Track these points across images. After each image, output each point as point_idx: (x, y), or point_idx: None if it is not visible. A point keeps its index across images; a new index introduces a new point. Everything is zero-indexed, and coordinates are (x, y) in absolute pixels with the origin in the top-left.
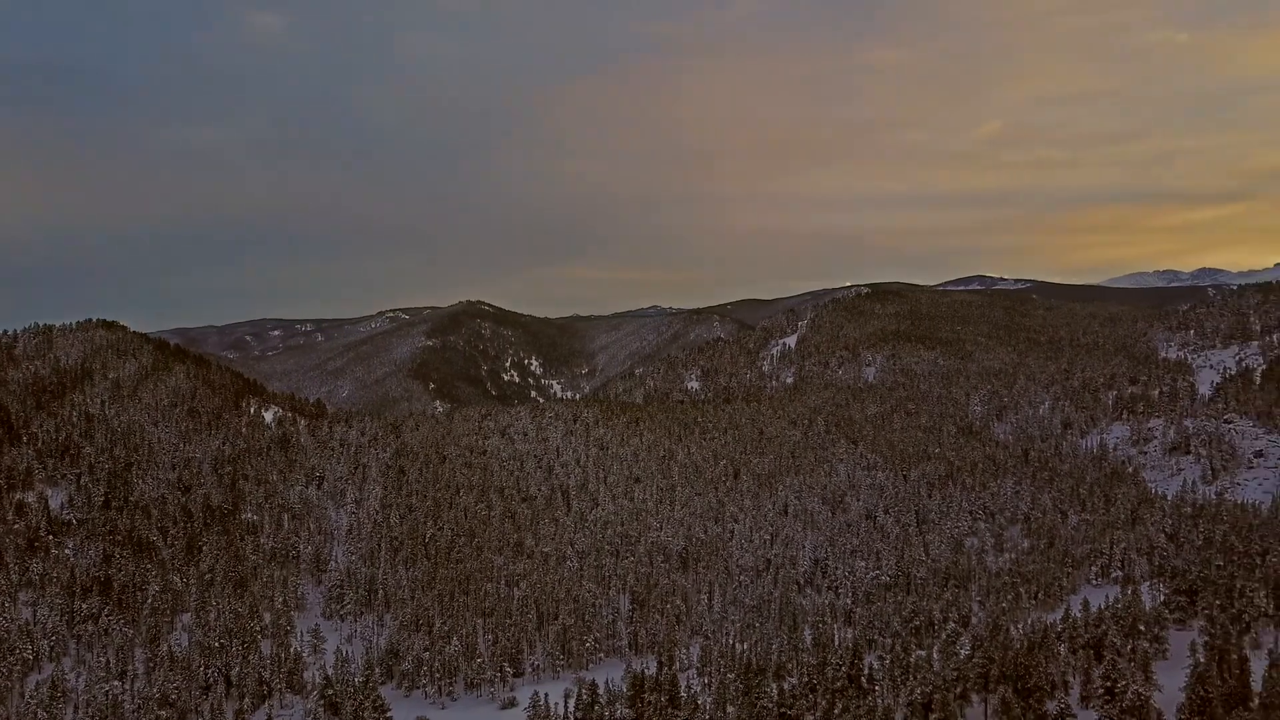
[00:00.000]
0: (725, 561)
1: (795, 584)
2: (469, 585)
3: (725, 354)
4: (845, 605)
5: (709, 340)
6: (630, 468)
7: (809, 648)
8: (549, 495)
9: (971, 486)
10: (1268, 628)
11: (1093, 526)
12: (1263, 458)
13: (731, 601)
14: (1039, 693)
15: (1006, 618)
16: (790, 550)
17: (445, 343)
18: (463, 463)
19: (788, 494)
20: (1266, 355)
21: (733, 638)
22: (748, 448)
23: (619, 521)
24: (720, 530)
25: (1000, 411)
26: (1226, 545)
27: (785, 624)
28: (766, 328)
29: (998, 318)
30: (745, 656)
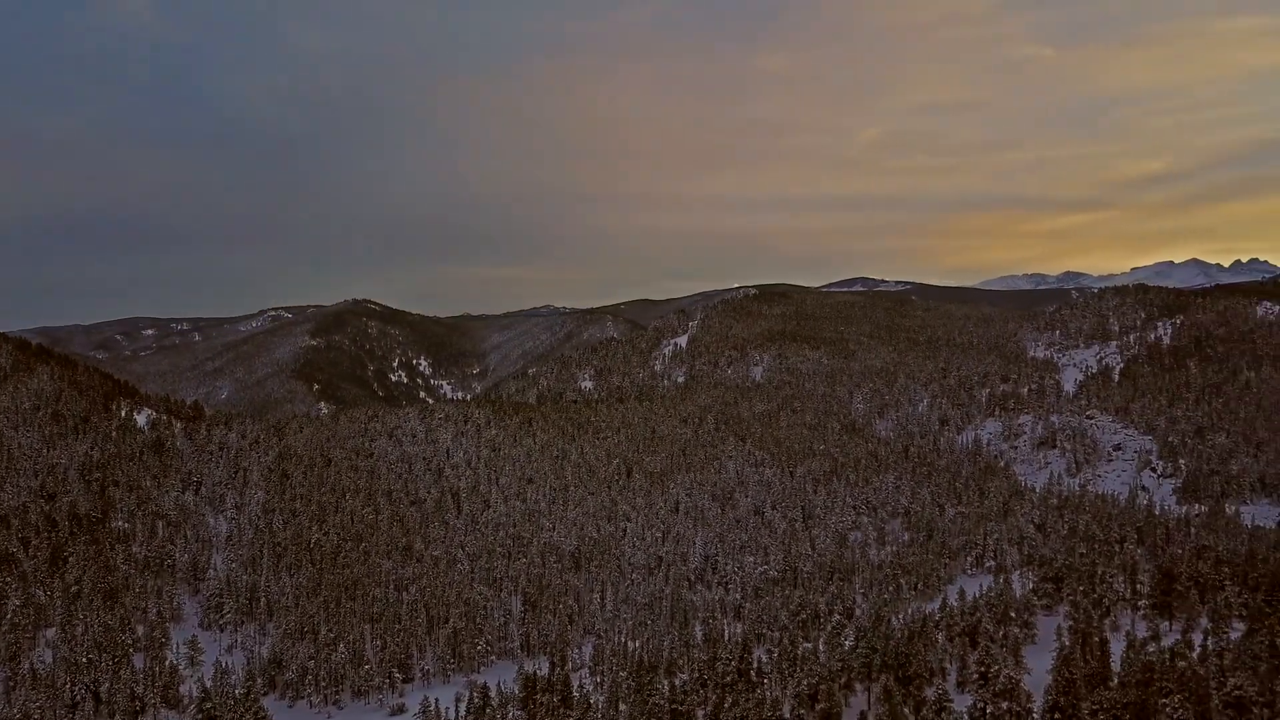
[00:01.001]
0: (618, 560)
1: (686, 581)
2: (356, 590)
3: (618, 354)
4: (735, 600)
5: (602, 340)
6: (523, 468)
7: (700, 643)
8: (439, 498)
9: (855, 482)
10: (1125, 611)
11: (968, 519)
12: (1121, 451)
13: (624, 600)
14: (918, 680)
15: (888, 608)
16: (681, 547)
17: (330, 342)
18: (349, 465)
19: (679, 491)
20: (1124, 354)
21: (625, 636)
22: (640, 446)
23: (511, 523)
24: (613, 529)
25: (882, 409)
26: (1089, 534)
27: (677, 621)
28: (659, 328)
29: (879, 318)
30: (637, 654)
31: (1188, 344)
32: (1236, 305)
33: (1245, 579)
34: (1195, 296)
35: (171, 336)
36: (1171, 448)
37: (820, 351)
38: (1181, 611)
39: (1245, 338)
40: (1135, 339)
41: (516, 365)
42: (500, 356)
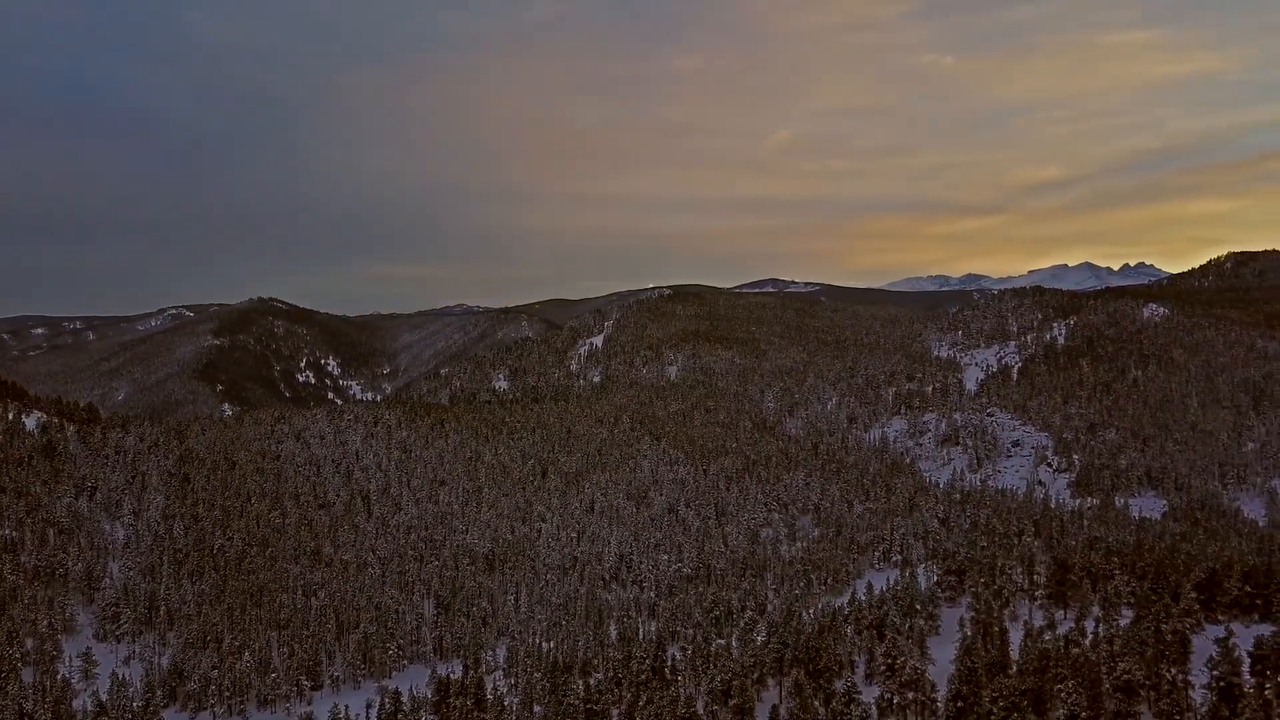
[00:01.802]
0: (532, 561)
1: (601, 580)
2: (262, 597)
3: (533, 353)
4: (649, 599)
5: (517, 340)
6: (435, 470)
7: (614, 642)
8: (349, 501)
9: (766, 479)
10: (1024, 601)
11: (875, 514)
12: (1019, 447)
13: (538, 601)
14: (828, 673)
15: (799, 604)
16: (596, 547)
17: (235, 342)
18: (254, 468)
19: (594, 491)
20: (1022, 354)
21: (539, 637)
22: (556, 447)
23: (423, 525)
24: (528, 530)
25: (792, 407)
26: (989, 528)
27: (591, 620)
28: (574, 328)
29: (789, 319)
30: (552, 655)
31: (1081, 344)
32: (1125, 307)
33: (1133, 568)
34: (1087, 298)
35: (63, 336)
36: (1066, 443)
37: (733, 351)
38: (1075, 600)
39: (1133, 338)
40: (1032, 339)
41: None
42: (411, 356)
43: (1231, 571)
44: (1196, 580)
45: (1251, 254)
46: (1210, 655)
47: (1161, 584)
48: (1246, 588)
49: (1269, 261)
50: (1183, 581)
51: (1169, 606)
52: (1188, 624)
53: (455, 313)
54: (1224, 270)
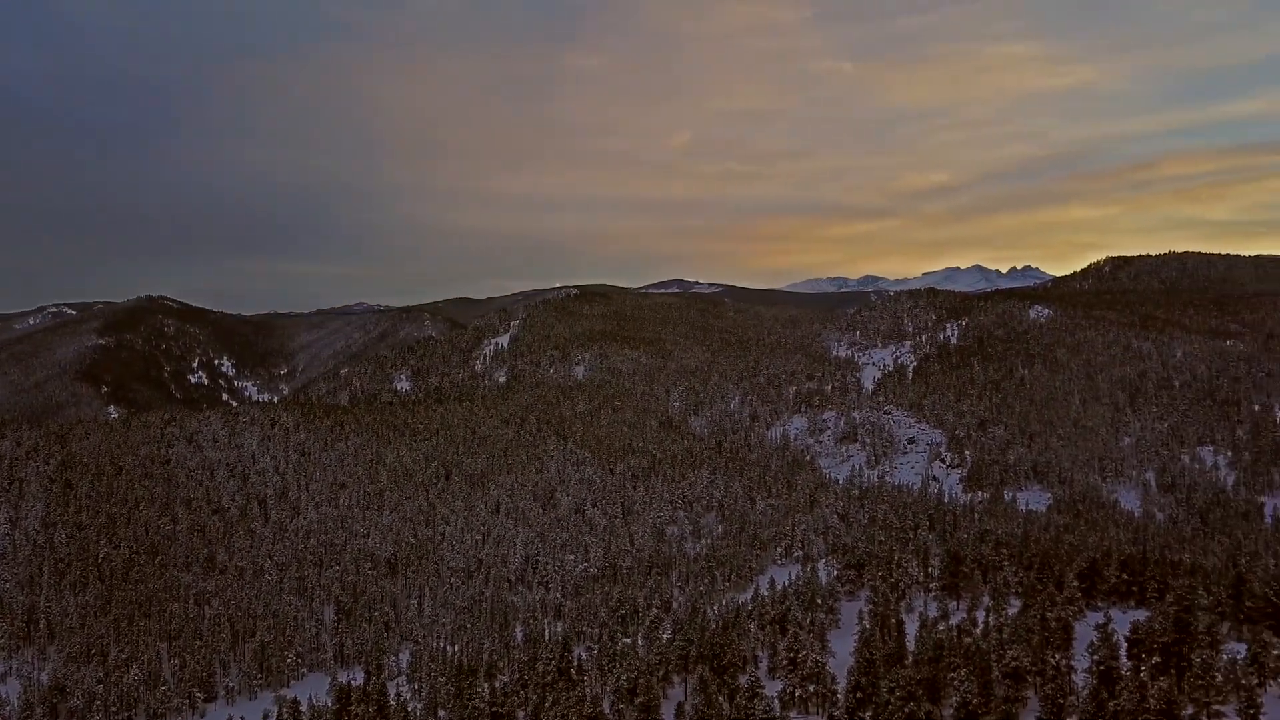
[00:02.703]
0: (436, 565)
1: (507, 582)
2: (151, 607)
3: (437, 353)
4: (556, 599)
5: (420, 339)
6: (334, 473)
7: (520, 644)
8: (244, 506)
9: (672, 477)
10: (919, 593)
11: (777, 511)
12: (914, 444)
13: (443, 604)
14: (733, 669)
15: (704, 600)
16: (502, 549)
17: (121, 341)
18: (142, 474)
19: (500, 493)
20: (917, 354)
21: (444, 640)
22: (460, 448)
23: (323, 530)
24: (431, 533)
25: (697, 406)
26: (887, 522)
27: (497, 622)
28: (479, 327)
29: (694, 319)
30: (456, 658)
31: (972, 344)
32: (1013, 308)
33: (1021, 559)
34: (978, 300)
35: None
36: (958, 440)
37: (639, 351)
38: (967, 591)
39: (1020, 338)
40: (927, 339)
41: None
42: (310, 356)
43: (1110, 560)
44: (1078, 569)
45: (1127, 258)
46: (1091, 640)
47: (1047, 574)
48: (1124, 575)
49: (1143, 266)
50: (1066, 571)
51: (1053, 595)
52: (1071, 611)
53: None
54: (1103, 274)
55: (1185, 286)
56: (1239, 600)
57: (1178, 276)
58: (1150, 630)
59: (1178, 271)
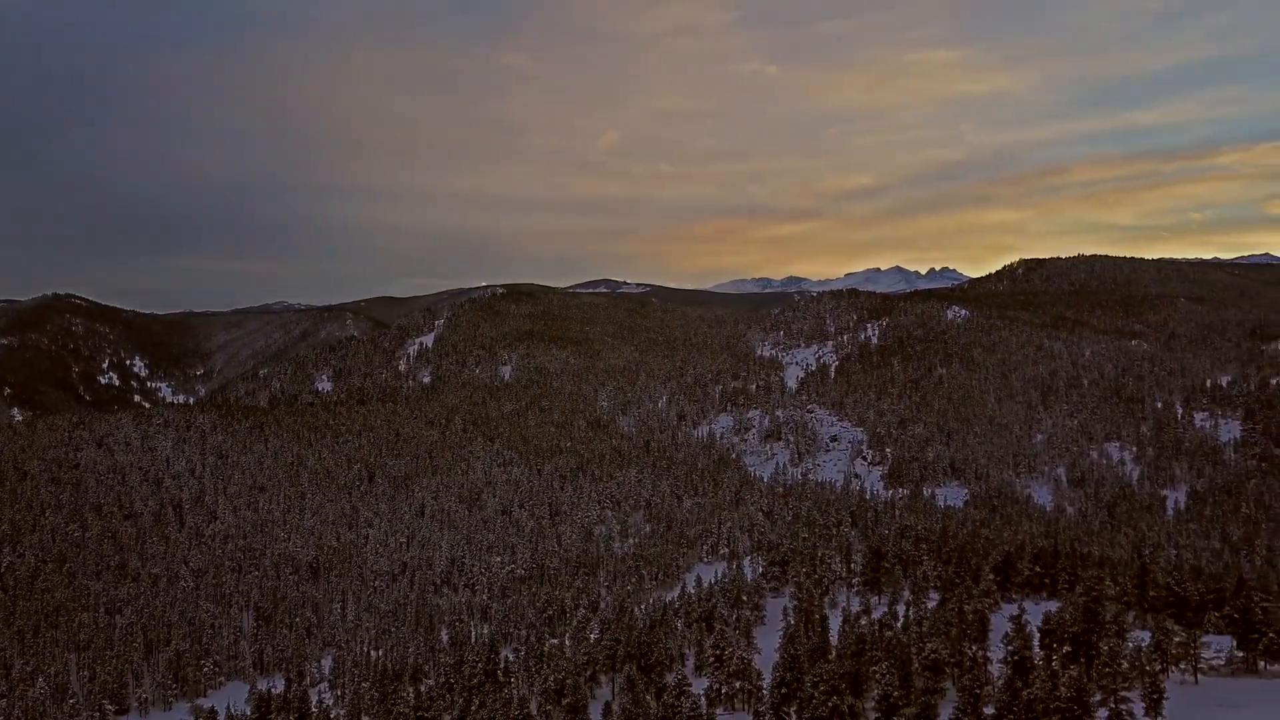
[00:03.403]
0: (360, 568)
1: (432, 585)
2: (59, 617)
3: (359, 353)
4: (482, 601)
5: (342, 339)
6: (254, 476)
7: (446, 647)
8: (158, 511)
9: (600, 477)
10: (842, 589)
11: (704, 509)
12: (837, 442)
13: (366, 608)
14: (660, 667)
15: (631, 599)
16: (427, 551)
17: (25, 341)
18: (49, 478)
19: (425, 495)
20: (839, 353)
21: (367, 645)
22: (384, 450)
23: (241, 535)
24: (354, 536)
25: (625, 406)
26: (810, 519)
27: (422, 626)
28: (403, 326)
29: (622, 319)
30: (380, 663)
31: (892, 344)
32: (931, 309)
33: (939, 553)
34: (898, 301)
35: None
36: (879, 438)
37: (567, 351)
38: (888, 586)
39: (938, 338)
40: (848, 339)
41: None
42: (227, 357)
43: (1024, 554)
44: (994, 563)
45: (1040, 260)
46: (1006, 631)
47: (964, 568)
48: (1036, 568)
49: (1054, 268)
50: (982, 564)
51: (970, 588)
52: (987, 604)
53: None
54: (1016, 275)
55: (1094, 288)
56: (1143, 590)
57: (1087, 278)
58: (1061, 620)
59: (1087, 274)
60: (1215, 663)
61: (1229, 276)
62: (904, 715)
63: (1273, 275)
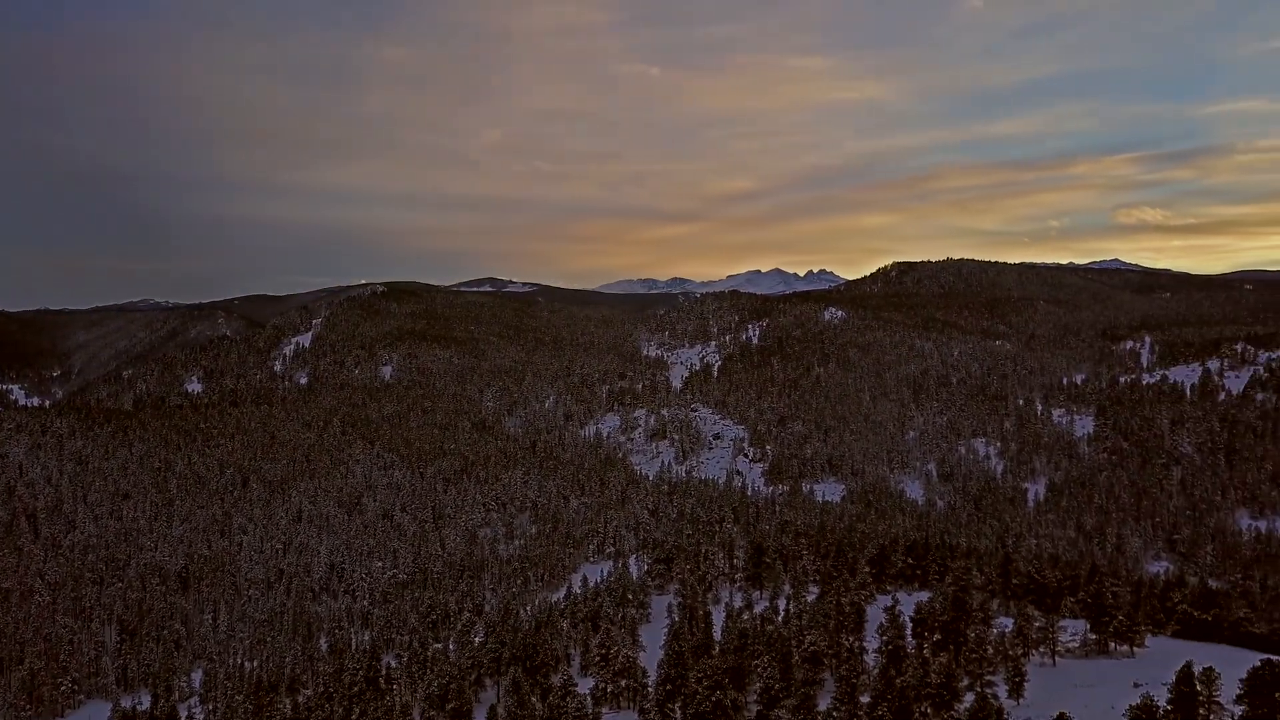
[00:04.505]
0: (233, 576)
1: (310, 592)
2: None
3: (232, 353)
4: (363, 608)
5: (213, 338)
6: (117, 483)
7: (325, 656)
8: (9, 521)
9: (485, 479)
10: (725, 584)
11: (590, 508)
12: (720, 440)
13: (240, 618)
14: (545, 668)
15: (517, 601)
16: (305, 558)
17: None
18: None
19: (302, 499)
20: (722, 353)
21: (241, 657)
22: (258, 453)
23: (103, 545)
24: (227, 543)
25: (511, 406)
26: (694, 516)
27: (300, 635)
28: (278, 325)
29: (508, 318)
30: (255, 674)
31: (772, 344)
32: (809, 310)
33: (818, 548)
34: (778, 302)
35: None
36: (760, 435)
37: (451, 351)
38: (770, 580)
39: (816, 338)
40: (731, 339)
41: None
42: (88, 357)
43: (897, 547)
44: (870, 556)
45: (912, 264)
46: (881, 622)
47: (841, 561)
48: (909, 560)
49: (925, 271)
50: (859, 558)
51: (847, 581)
52: (863, 596)
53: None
54: (890, 278)
55: (961, 290)
56: (1007, 578)
57: (955, 281)
58: (932, 610)
59: (955, 276)
60: (1071, 645)
61: (1083, 281)
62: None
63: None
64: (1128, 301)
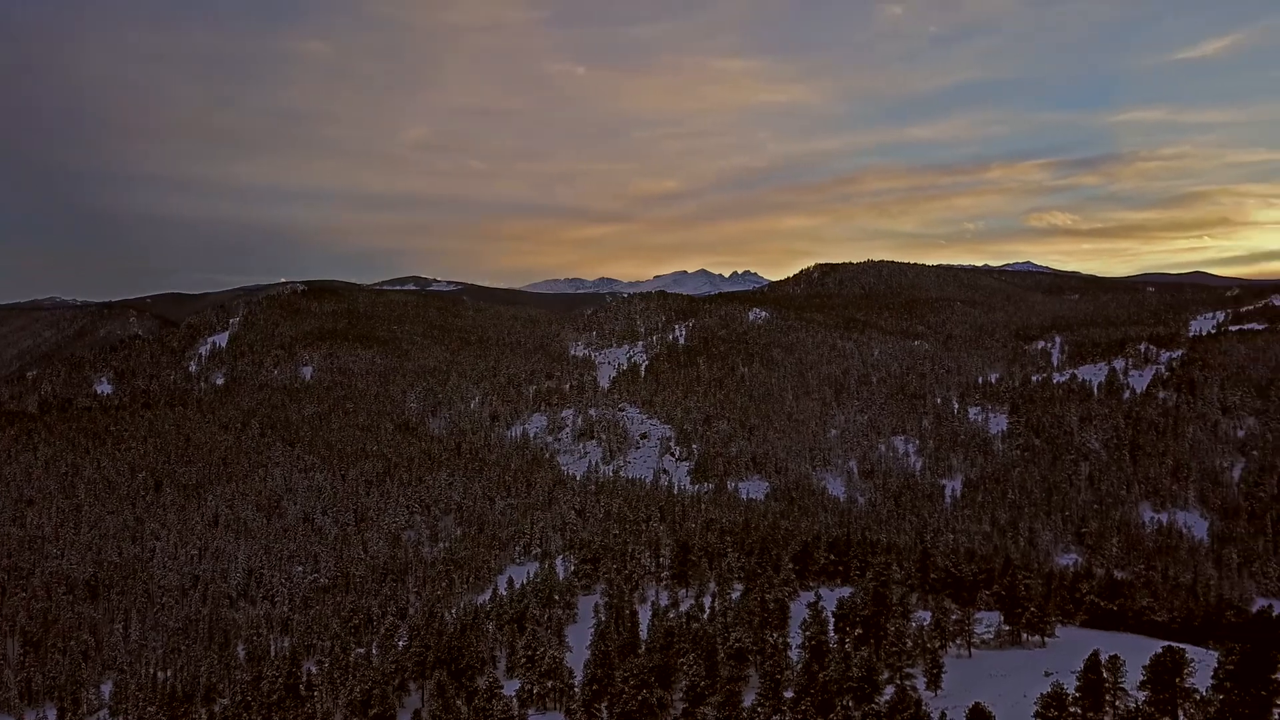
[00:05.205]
0: (146, 584)
1: (227, 598)
2: None
3: (144, 353)
4: (283, 613)
5: (124, 338)
6: (20, 489)
7: (243, 664)
8: None
9: (408, 481)
10: (651, 583)
11: (516, 509)
12: (647, 439)
13: (153, 627)
14: (471, 671)
15: (441, 604)
16: (222, 563)
17: None
18: None
19: (218, 503)
20: (649, 353)
21: (154, 667)
22: (172, 457)
23: (5, 553)
24: (139, 550)
25: (435, 407)
26: (621, 516)
27: (216, 642)
28: (193, 325)
29: (432, 318)
30: (169, 685)
31: (698, 344)
32: (734, 311)
33: (743, 545)
34: (704, 303)
35: None
36: (686, 434)
37: (373, 351)
38: (695, 578)
39: (741, 339)
40: (658, 339)
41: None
42: None
43: (820, 543)
44: (793, 553)
45: (833, 265)
46: (804, 618)
47: (766, 558)
48: (831, 556)
49: (846, 272)
50: (782, 555)
51: (771, 578)
52: (786, 592)
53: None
54: (812, 279)
55: (881, 292)
56: (925, 573)
57: (875, 282)
58: (853, 605)
59: (875, 278)
60: (986, 637)
61: (997, 282)
62: (710, 704)
63: (1033, 282)
64: (1039, 303)
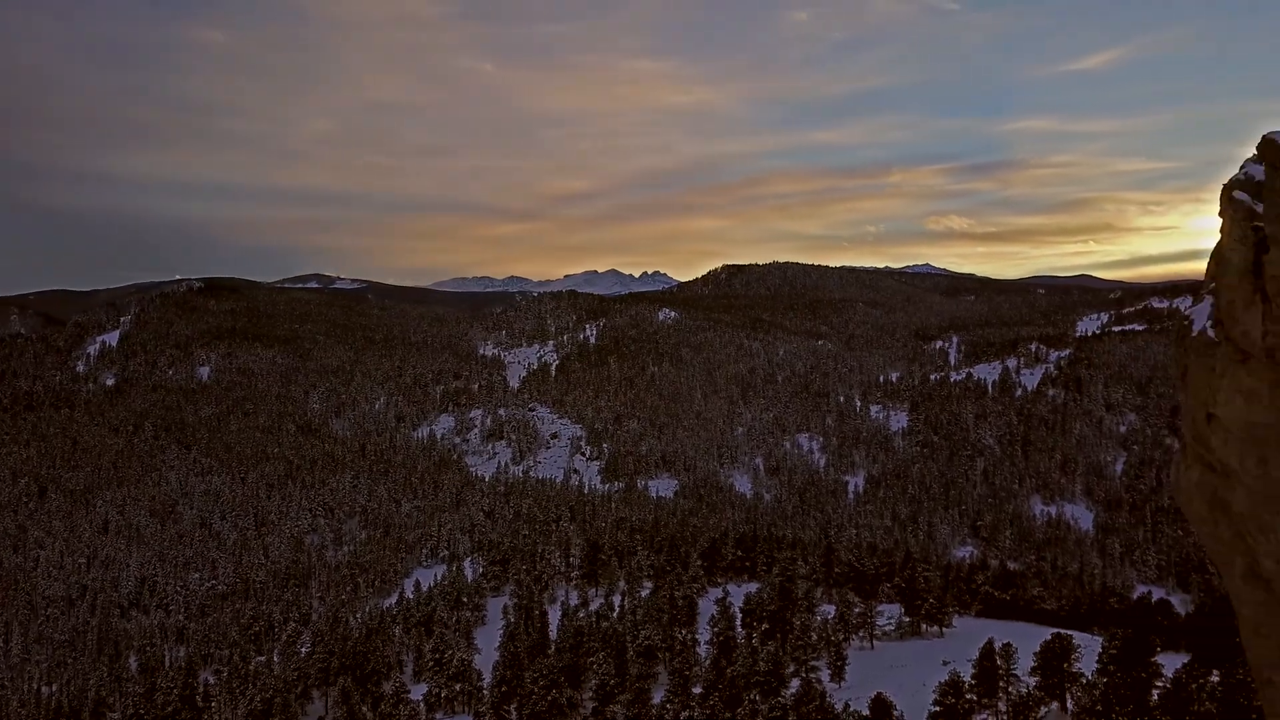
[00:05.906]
0: (29, 595)
1: (118, 608)
2: None
3: (27, 353)
4: (178, 622)
5: (5, 336)
6: None
7: (135, 676)
8: None
9: (311, 484)
10: (561, 583)
11: (423, 512)
12: (557, 439)
13: (36, 640)
14: (377, 676)
15: (346, 609)
16: (112, 571)
17: None
18: None
19: (108, 509)
20: (560, 353)
21: (38, 681)
22: (57, 461)
23: None
24: (22, 559)
25: (339, 408)
26: (531, 516)
27: (106, 654)
28: (81, 323)
29: (336, 316)
30: (54, 700)
31: (609, 344)
32: (644, 311)
33: (652, 543)
34: (614, 303)
35: None
36: (597, 434)
37: (274, 350)
38: (605, 577)
39: (651, 338)
40: (569, 339)
41: None
42: None
43: (727, 540)
44: (702, 549)
45: (740, 266)
46: (712, 614)
47: (675, 555)
48: (739, 552)
49: (753, 273)
50: (691, 552)
51: (680, 575)
52: (695, 589)
53: None
54: (720, 280)
55: (786, 293)
56: (829, 567)
57: (780, 283)
58: (760, 600)
59: (780, 279)
60: (888, 628)
61: (897, 284)
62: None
63: (932, 283)
64: (937, 303)
